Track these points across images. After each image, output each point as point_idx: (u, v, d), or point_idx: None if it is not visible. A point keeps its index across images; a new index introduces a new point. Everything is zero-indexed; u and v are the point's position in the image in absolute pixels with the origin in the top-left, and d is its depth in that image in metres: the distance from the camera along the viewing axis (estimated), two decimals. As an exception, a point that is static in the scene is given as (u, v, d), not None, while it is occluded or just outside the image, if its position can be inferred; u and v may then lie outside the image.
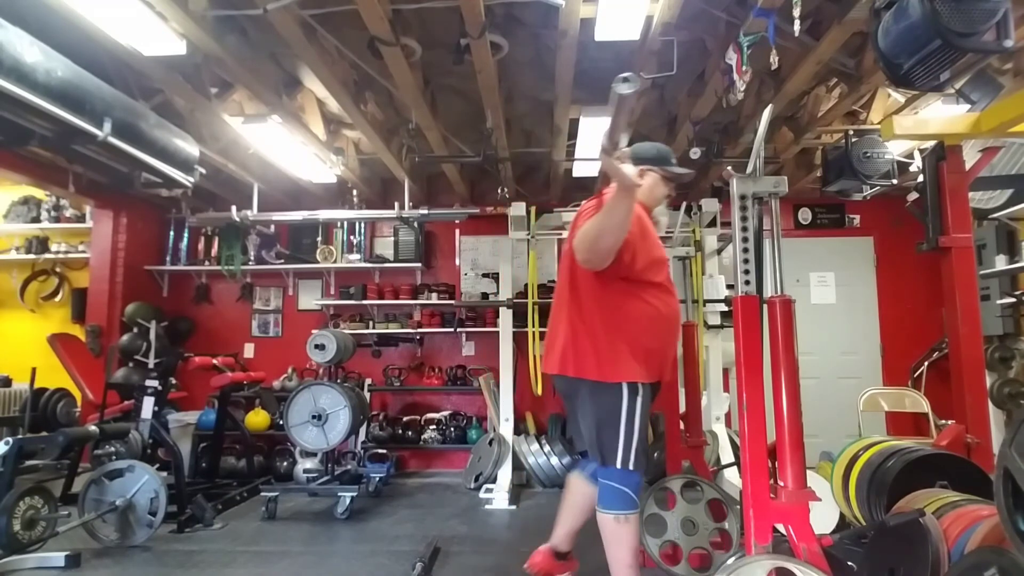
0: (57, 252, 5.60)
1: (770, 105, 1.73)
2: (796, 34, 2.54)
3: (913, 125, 2.77)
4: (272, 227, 5.22)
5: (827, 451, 4.23)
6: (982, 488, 1.95)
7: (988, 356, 4.41)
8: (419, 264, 5.54)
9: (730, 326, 1.93)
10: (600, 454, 2.08)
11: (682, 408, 2.93)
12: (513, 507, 4.03)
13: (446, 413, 5.41)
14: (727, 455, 4.37)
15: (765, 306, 1.61)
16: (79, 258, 5.56)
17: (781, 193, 1.65)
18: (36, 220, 5.55)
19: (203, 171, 4.03)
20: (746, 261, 1.62)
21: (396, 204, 4.59)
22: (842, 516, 2.88)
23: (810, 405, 1.64)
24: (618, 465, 2.02)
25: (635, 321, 2.06)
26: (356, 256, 5.58)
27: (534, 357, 4.39)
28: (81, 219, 5.50)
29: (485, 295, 5.57)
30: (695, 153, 4.03)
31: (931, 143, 2.77)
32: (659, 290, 2.13)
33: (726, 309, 4.60)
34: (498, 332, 4.87)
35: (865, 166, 3.62)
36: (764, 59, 2.73)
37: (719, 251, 4.78)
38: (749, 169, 1.67)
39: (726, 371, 4.85)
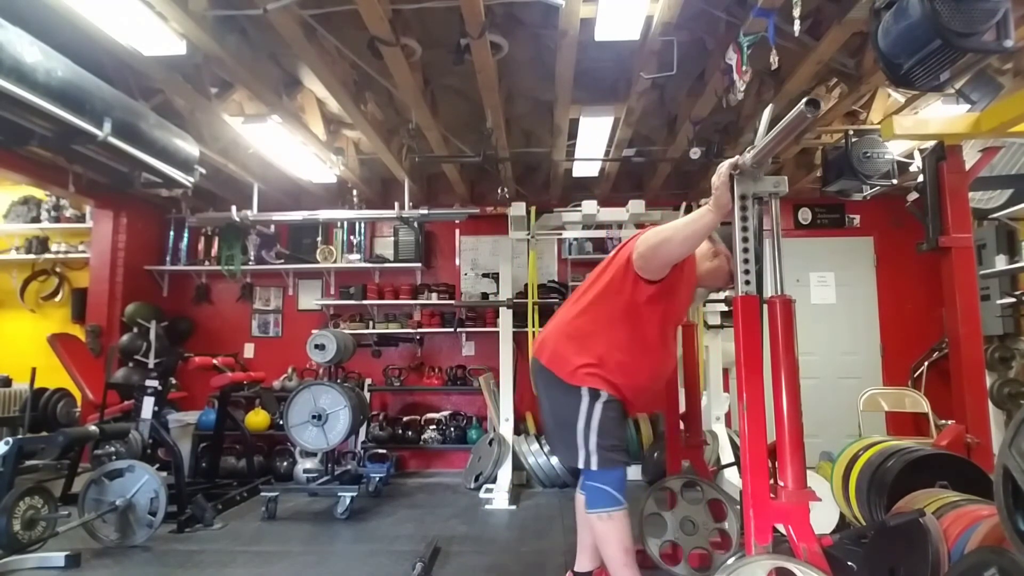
0: (57, 252, 5.60)
1: (770, 105, 1.72)
2: (796, 34, 2.54)
3: (913, 125, 2.77)
4: (272, 227, 5.22)
5: (827, 451, 4.23)
6: (982, 488, 1.95)
7: (988, 356, 4.41)
8: (419, 264, 5.54)
9: (730, 326, 1.93)
10: (563, 454, 2.11)
11: (682, 408, 2.92)
12: (513, 507, 4.03)
13: (446, 413, 5.41)
14: (727, 455, 4.38)
15: (765, 306, 1.61)
16: (79, 258, 5.56)
17: (781, 193, 1.65)
18: (36, 220, 5.56)
19: (203, 171, 4.03)
20: (746, 261, 1.62)
21: (396, 204, 4.58)
22: (842, 516, 2.88)
23: (810, 405, 1.64)
24: (580, 465, 2.05)
25: (630, 351, 2.06)
26: (356, 256, 5.58)
27: (534, 357, 4.39)
28: (81, 219, 5.51)
29: (485, 295, 5.56)
30: (695, 153, 4.03)
31: (931, 143, 2.77)
32: (664, 342, 2.15)
33: (726, 309, 4.60)
34: (498, 332, 4.87)
35: (865, 166, 3.62)
36: (764, 59, 2.73)
37: (719, 251, 4.78)
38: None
39: (726, 371, 4.85)
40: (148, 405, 3.62)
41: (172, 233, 5.69)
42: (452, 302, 5.51)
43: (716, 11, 2.99)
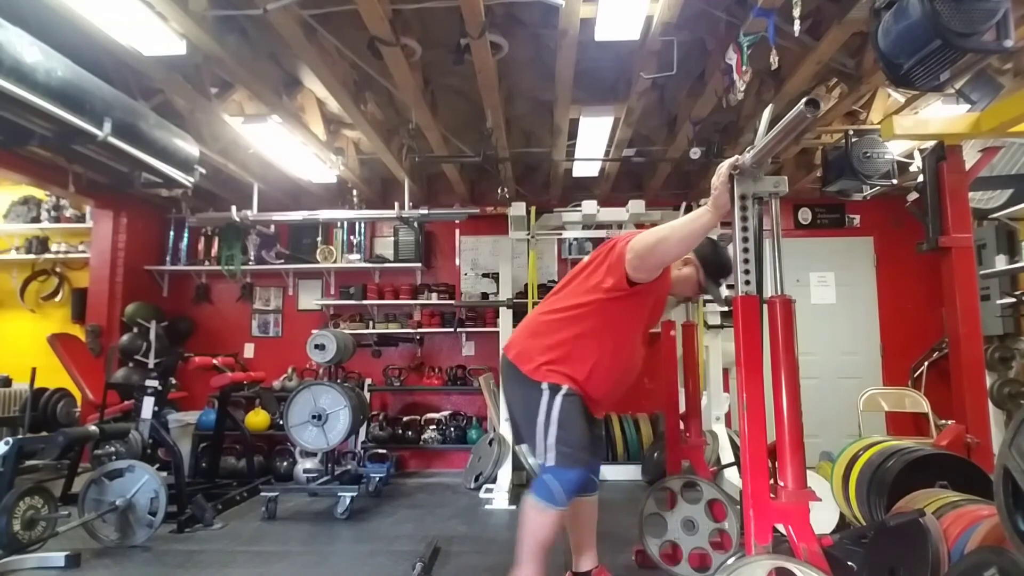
0: (57, 252, 5.60)
1: (770, 105, 1.72)
2: (796, 34, 2.54)
3: (913, 125, 2.77)
4: (272, 227, 5.21)
5: (827, 451, 4.24)
6: (982, 488, 1.95)
7: (988, 356, 4.41)
8: (419, 264, 5.54)
9: (730, 326, 1.92)
10: (530, 446, 2.15)
11: (682, 408, 2.92)
12: (513, 507, 4.03)
13: (446, 413, 5.41)
14: (727, 455, 4.37)
15: (765, 306, 1.61)
16: (79, 258, 5.56)
17: (781, 193, 1.65)
18: (36, 220, 5.56)
19: (203, 171, 4.03)
20: (746, 261, 1.61)
21: (396, 204, 4.58)
22: (842, 516, 2.88)
23: (810, 405, 1.64)
24: (539, 460, 2.07)
25: (598, 351, 2.08)
26: (356, 256, 5.58)
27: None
28: (81, 219, 5.51)
29: (485, 295, 5.56)
30: (695, 153, 4.03)
31: (931, 143, 2.77)
32: (633, 346, 2.18)
33: (726, 309, 4.61)
34: (498, 332, 4.87)
35: (865, 166, 3.62)
36: (764, 59, 2.73)
37: (719, 251, 4.78)
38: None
39: (726, 371, 4.85)
40: (148, 405, 3.62)
41: (172, 233, 5.69)
42: (452, 302, 5.51)
43: (716, 11, 2.99)
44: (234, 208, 4.75)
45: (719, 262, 2.20)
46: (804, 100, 1.33)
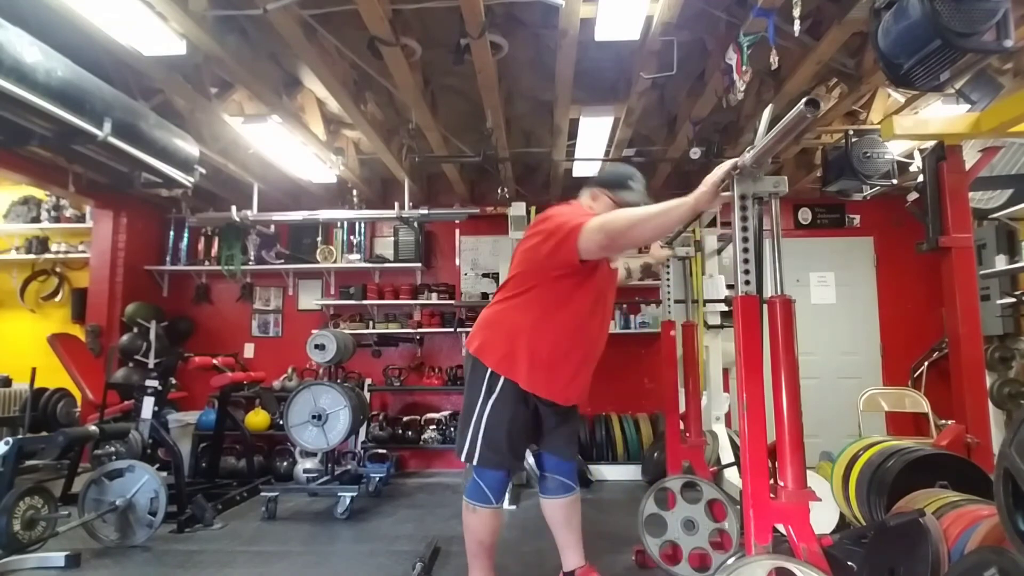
0: (57, 252, 5.60)
1: (770, 105, 1.72)
2: (796, 34, 2.54)
3: (913, 125, 2.77)
4: (272, 227, 5.21)
5: (827, 451, 4.23)
6: (982, 488, 1.95)
7: (988, 356, 4.41)
8: (419, 264, 5.54)
9: (730, 326, 1.93)
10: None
11: (682, 408, 2.92)
12: (513, 507, 4.03)
13: (446, 413, 5.40)
14: (727, 455, 4.37)
15: (765, 306, 1.61)
16: (79, 258, 5.56)
17: (781, 193, 1.65)
18: (36, 220, 5.56)
19: (203, 171, 4.02)
20: (746, 261, 1.61)
21: (396, 204, 4.59)
22: (842, 516, 2.88)
23: (810, 405, 1.64)
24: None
25: (556, 333, 2.07)
26: (356, 256, 5.58)
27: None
28: (81, 219, 5.51)
29: (485, 295, 5.56)
30: (695, 153, 4.03)
31: (931, 143, 2.77)
32: (591, 322, 2.15)
33: (726, 309, 4.60)
34: (498, 332, 4.86)
35: (865, 166, 3.62)
36: (764, 59, 2.73)
37: (719, 251, 4.78)
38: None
39: (726, 371, 4.85)
40: (148, 405, 3.62)
41: (172, 233, 5.69)
42: (452, 302, 5.51)
43: (716, 11, 2.99)
44: (234, 208, 4.74)
45: (614, 172, 2.26)
46: (804, 100, 1.33)
